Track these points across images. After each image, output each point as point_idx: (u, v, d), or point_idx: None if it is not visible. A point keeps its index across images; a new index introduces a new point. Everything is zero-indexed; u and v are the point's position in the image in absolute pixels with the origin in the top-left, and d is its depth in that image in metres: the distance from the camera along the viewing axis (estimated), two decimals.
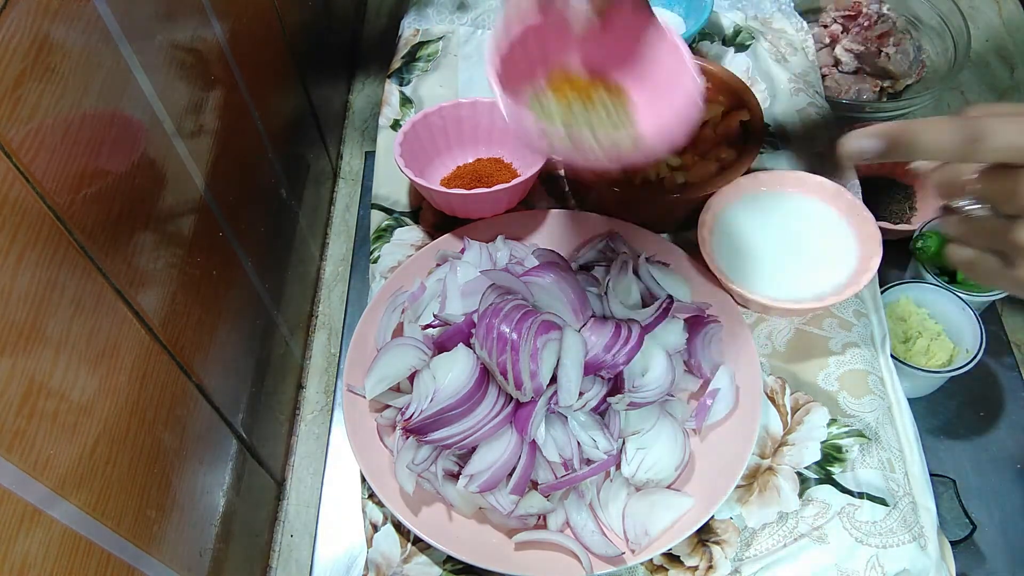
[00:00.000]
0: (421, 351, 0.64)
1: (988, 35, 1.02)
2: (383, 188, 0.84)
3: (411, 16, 0.98)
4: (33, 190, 0.38)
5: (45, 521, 0.38)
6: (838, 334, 0.71)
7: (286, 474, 0.75)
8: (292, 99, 0.83)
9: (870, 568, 0.60)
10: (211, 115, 0.60)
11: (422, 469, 0.61)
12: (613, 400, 0.61)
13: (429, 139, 0.80)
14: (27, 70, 0.38)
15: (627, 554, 0.60)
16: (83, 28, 0.43)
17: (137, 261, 0.48)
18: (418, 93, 0.91)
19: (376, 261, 0.79)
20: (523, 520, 0.61)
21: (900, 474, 0.64)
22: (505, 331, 0.58)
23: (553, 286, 0.62)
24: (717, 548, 0.62)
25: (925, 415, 0.74)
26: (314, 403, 0.79)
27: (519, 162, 0.81)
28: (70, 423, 0.40)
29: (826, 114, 0.87)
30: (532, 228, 0.77)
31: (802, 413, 0.67)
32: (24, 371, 0.37)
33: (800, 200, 0.75)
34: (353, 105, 1.03)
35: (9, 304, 0.36)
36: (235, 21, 0.65)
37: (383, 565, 0.63)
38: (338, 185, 0.95)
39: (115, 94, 0.46)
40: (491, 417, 0.60)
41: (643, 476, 0.62)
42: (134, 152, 0.48)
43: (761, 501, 0.64)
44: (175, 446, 0.52)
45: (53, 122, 0.40)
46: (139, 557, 0.46)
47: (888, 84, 0.97)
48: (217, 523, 0.59)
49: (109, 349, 0.44)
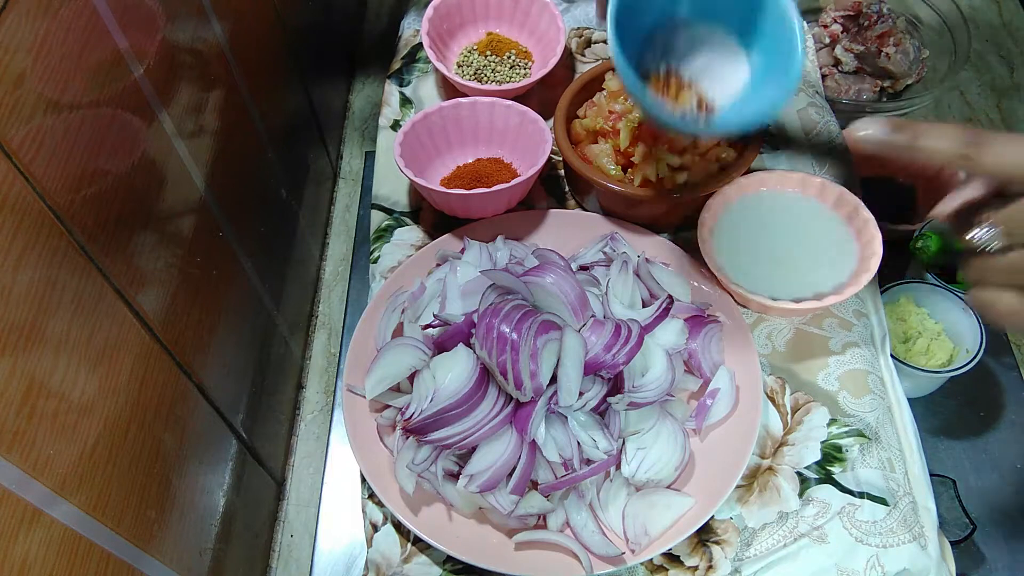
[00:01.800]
0: (421, 351, 0.64)
1: (988, 35, 1.02)
2: (383, 188, 0.84)
3: (411, 16, 0.98)
4: (33, 190, 0.38)
5: (45, 521, 0.38)
6: (838, 334, 0.71)
7: (286, 474, 0.75)
8: (292, 99, 0.83)
9: (870, 568, 0.60)
10: (211, 115, 0.60)
11: (422, 469, 0.61)
12: (613, 400, 0.61)
13: (429, 139, 0.80)
14: (27, 70, 0.38)
15: (627, 554, 0.60)
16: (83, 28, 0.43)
17: (137, 261, 0.48)
18: (418, 94, 0.91)
19: (376, 261, 0.79)
20: (523, 520, 0.61)
21: (900, 474, 0.64)
22: (505, 331, 0.58)
23: (553, 286, 0.62)
24: (717, 548, 0.62)
25: (925, 415, 0.74)
26: (314, 403, 0.79)
27: (519, 162, 0.81)
28: (70, 423, 0.40)
29: (826, 114, 0.87)
30: (532, 228, 0.77)
31: (802, 413, 0.67)
32: (24, 371, 0.37)
33: (800, 200, 0.75)
34: (353, 105, 1.03)
35: (9, 304, 0.36)
36: (235, 21, 0.65)
37: (383, 565, 0.63)
38: (338, 185, 0.95)
39: (115, 95, 0.46)
40: (491, 417, 0.60)
41: (643, 476, 0.62)
42: (134, 152, 0.48)
43: (761, 501, 0.64)
44: (175, 446, 0.52)
45: (53, 122, 0.40)
46: (139, 557, 0.46)
47: (888, 84, 0.97)
48: (217, 523, 0.59)
49: (109, 349, 0.44)
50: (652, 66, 0.64)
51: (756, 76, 0.64)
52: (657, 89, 0.63)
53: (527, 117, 0.79)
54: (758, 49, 0.63)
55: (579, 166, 0.74)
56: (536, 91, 0.86)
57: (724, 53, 0.64)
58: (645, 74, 0.64)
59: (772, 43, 0.61)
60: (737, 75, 0.64)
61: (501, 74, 0.87)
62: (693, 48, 0.65)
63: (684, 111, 0.62)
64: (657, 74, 0.64)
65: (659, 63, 0.64)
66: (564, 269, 0.64)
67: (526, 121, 0.79)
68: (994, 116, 0.95)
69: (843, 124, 0.86)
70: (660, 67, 0.64)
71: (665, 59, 0.64)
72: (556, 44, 0.86)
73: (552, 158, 0.79)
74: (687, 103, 0.63)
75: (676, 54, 0.65)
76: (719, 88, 0.64)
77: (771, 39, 0.61)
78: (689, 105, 0.63)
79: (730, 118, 0.64)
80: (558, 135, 0.76)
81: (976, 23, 1.02)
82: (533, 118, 0.78)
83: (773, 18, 0.61)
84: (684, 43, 0.64)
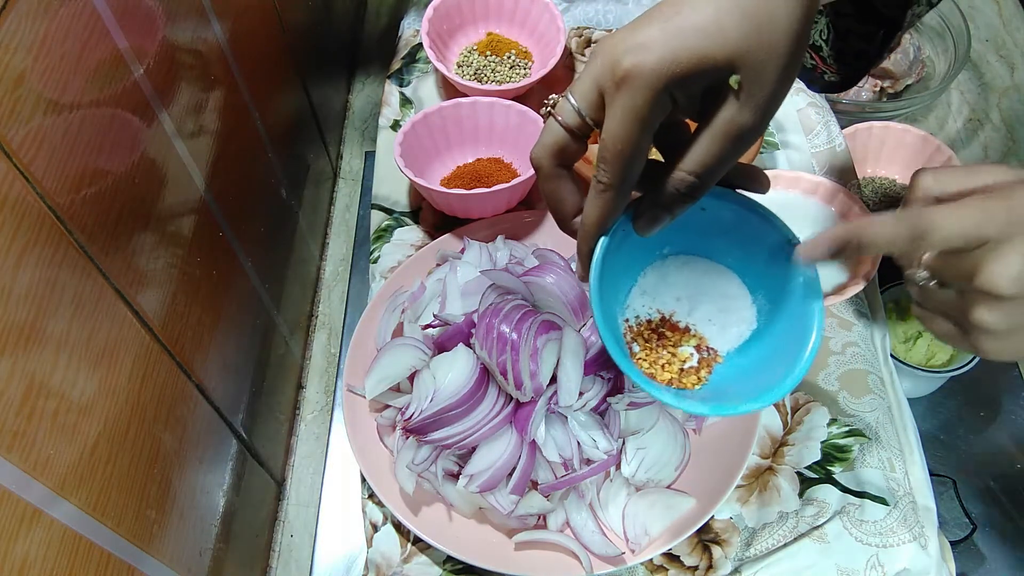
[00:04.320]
0: (421, 351, 0.64)
1: (988, 35, 1.02)
2: (383, 188, 0.84)
3: (411, 16, 0.98)
4: (33, 190, 0.38)
5: (45, 521, 0.38)
6: (838, 334, 0.71)
7: (286, 474, 0.75)
8: (292, 99, 0.83)
9: (870, 568, 0.60)
10: (211, 115, 0.60)
11: (422, 469, 0.61)
12: (613, 400, 0.61)
13: (429, 139, 0.80)
14: (27, 70, 0.38)
15: (627, 554, 0.60)
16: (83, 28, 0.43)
17: (137, 261, 0.48)
18: (418, 94, 0.91)
19: (376, 261, 0.79)
20: (523, 520, 0.61)
21: (900, 474, 0.64)
22: (505, 331, 0.58)
23: (553, 286, 0.62)
24: (717, 548, 0.62)
25: (925, 415, 0.74)
26: (314, 403, 0.79)
27: (519, 162, 0.81)
28: (70, 423, 0.40)
29: (826, 114, 0.87)
30: (532, 228, 0.77)
31: (802, 413, 0.67)
32: (24, 371, 0.37)
33: (800, 200, 0.75)
34: (353, 105, 1.02)
35: (9, 304, 0.36)
36: (235, 21, 0.65)
37: (383, 565, 0.63)
38: (338, 185, 0.95)
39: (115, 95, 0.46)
40: (491, 417, 0.60)
41: (643, 476, 0.62)
42: (134, 152, 0.48)
43: (761, 501, 0.64)
44: (175, 446, 0.52)
45: (53, 122, 0.40)
46: (139, 557, 0.46)
47: (888, 84, 0.97)
48: (217, 523, 0.59)
49: (109, 349, 0.44)
50: (640, 310, 0.50)
51: (758, 337, 0.50)
52: (648, 341, 0.50)
53: (527, 117, 0.79)
54: (765, 305, 0.50)
55: (579, 166, 0.74)
56: (536, 91, 0.86)
57: (726, 291, 0.50)
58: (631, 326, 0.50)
59: (786, 319, 0.48)
60: (741, 324, 0.50)
61: (501, 74, 0.87)
62: (688, 289, 0.51)
63: (676, 389, 0.49)
64: (649, 321, 0.50)
65: (650, 307, 0.51)
66: (564, 269, 0.64)
67: (526, 121, 0.79)
68: (994, 116, 0.95)
69: (843, 124, 0.86)
70: (652, 313, 0.50)
71: (657, 301, 0.51)
72: (556, 44, 0.86)
73: None
74: (684, 357, 0.49)
75: (670, 291, 0.51)
76: (721, 338, 0.50)
77: (787, 313, 0.48)
78: (685, 367, 0.49)
79: (726, 404, 0.47)
80: None
81: (976, 23, 1.02)
82: (533, 118, 0.78)
83: (795, 299, 0.47)
84: (680, 275, 0.51)
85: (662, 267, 0.50)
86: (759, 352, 0.49)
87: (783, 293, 0.48)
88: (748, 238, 0.47)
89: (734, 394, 0.47)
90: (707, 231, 0.48)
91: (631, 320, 0.50)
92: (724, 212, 0.46)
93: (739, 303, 0.50)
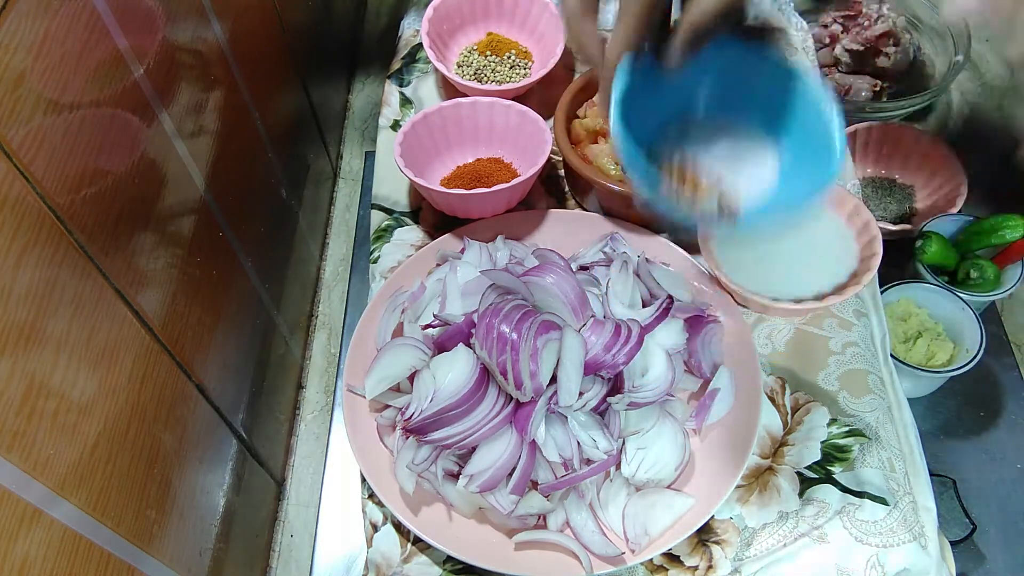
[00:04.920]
0: (421, 351, 0.64)
1: (988, 35, 1.02)
2: (383, 188, 0.84)
3: (411, 17, 0.99)
4: (33, 190, 0.38)
5: (45, 521, 0.38)
6: (838, 334, 0.71)
7: (286, 474, 0.75)
8: (292, 99, 0.83)
9: (870, 568, 0.60)
10: (211, 115, 0.60)
11: (422, 469, 0.61)
12: (613, 400, 0.61)
13: (429, 139, 0.80)
14: (27, 70, 0.38)
15: (627, 554, 0.60)
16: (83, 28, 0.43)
17: (137, 261, 0.48)
18: (418, 94, 0.91)
19: (376, 261, 0.79)
20: (523, 520, 0.61)
21: (900, 474, 0.64)
22: (505, 331, 0.58)
23: (553, 286, 0.62)
24: (717, 548, 0.62)
25: (925, 415, 0.74)
26: (314, 403, 0.79)
27: (519, 162, 0.81)
28: (70, 423, 0.40)
29: None
30: (532, 228, 0.77)
31: (802, 413, 0.67)
32: (24, 371, 0.37)
33: None
34: (353, 105, 1.03)
35: (9, 304, 0.36)
36: (235, 21, 0.65)
37: (383, 565, 0.63)
38: (338, 185, 0.95)
39: (115, 95, 0.46)
40: (491, 417, 0.60)
41: (643, 476, 0.62)
42: (134, 152, 0.48)
43: (761, 501, 0.64)
44: (175, 446, 0.52)
45: (53, 122, 0.40)
46: (139, 557, 0.46)
47: (888, 84, 0.97)
48: (217, 523, 0.59)
49: (109, 349, 0.44)
50: (664, 157, 0.54)
51: (785, 168, 0.54)
52: (670, 183, 0.53)
53: (527, 117, 0.79)
54: (787, 138, 0.54)
55: (579, 166, 0.74)
56: (536, 91, 0.86)
57: (748, 143, 0.54)
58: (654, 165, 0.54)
59: (805, 134, 0.53)
60: (764, 169, 0.54)
61: (501, 74, 0.87)
62: (712, 138, 0.55)
63: (704, 210, 0.52)
64: (670, 165, 0.54)
65: (672, 153, 0.54)
66: (564, 269, 0.64)
67: (526, 121, 0.79)
68: (994, 116, 0.95)
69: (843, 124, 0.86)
70: (673, 158, 0.54)
71: (679, 149, 0.54)
72: (556, 44, 0.86)
73: (552, 158, 0.79)
74: (707, 202, 0.53)
75: (692, 143, 0.54)
76: (743, 184, 0.53)
77: (803, 130, 0.53)
78: (709, 205, 0.53)
79: (757, 217, 0.53)
80: (558, 135, 0.76)
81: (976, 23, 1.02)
82: (533, 118, 0.78)
83: (806, 108, 0.52)
84: (701, 131, 0.55)
85: (682, 118, 0.55)
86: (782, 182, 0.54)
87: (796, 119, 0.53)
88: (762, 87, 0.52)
89: None
90: (726, 90, 0.53)
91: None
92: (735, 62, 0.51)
93: (760, 153, 0.54)
